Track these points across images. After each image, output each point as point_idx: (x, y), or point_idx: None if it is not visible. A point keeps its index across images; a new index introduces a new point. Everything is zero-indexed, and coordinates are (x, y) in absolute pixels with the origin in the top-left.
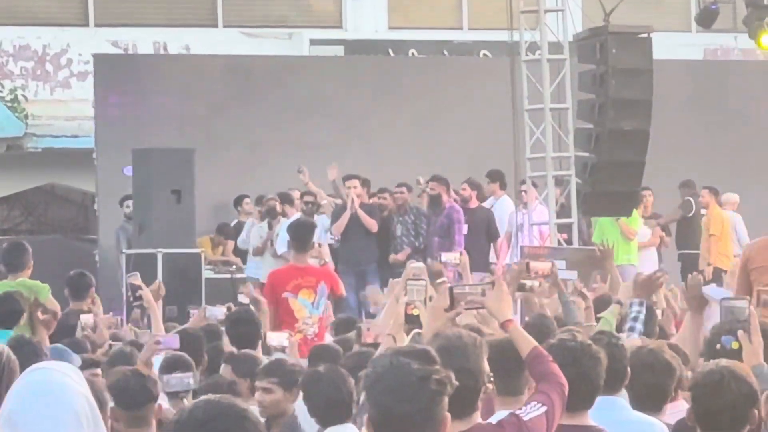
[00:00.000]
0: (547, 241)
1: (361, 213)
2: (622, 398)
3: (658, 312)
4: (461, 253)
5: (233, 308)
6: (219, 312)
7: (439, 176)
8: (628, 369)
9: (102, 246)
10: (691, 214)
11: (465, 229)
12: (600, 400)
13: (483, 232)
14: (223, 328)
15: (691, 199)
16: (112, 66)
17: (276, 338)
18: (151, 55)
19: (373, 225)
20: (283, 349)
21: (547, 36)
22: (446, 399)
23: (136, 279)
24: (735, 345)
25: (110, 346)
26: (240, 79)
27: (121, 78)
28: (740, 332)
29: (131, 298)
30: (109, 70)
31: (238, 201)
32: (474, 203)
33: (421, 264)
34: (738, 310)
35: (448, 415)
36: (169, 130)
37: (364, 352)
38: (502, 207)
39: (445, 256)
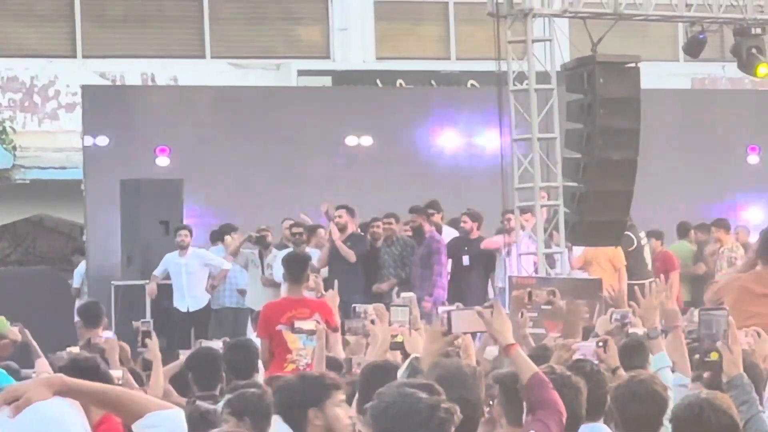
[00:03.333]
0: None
1: (339, 244)
2: (605, 426)
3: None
4: (457, 307)
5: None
6: (216, 345)
7: (418, 207)
8: (608, 396)
9: (91, 277)
10: (632, 248)
11: (444, 259)
12: (583, 428)
13: (482, 264)
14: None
15: (631, 234)
16: (100, 97)
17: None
18: (139, 87)
19: (350, 256)
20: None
21: (535, 66)
22: (453, 430)
23: (148, 326)
24: (714, 356)
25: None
26: (228, 110)
27: (109, 109)
28: (719, 343)
29: (138, 344)
30: (97, 102)
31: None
32: (475, 234)
33: (411, 294)
34: (716, 320)
35: None
36: (157, 162)
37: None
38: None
39: (442, 310)
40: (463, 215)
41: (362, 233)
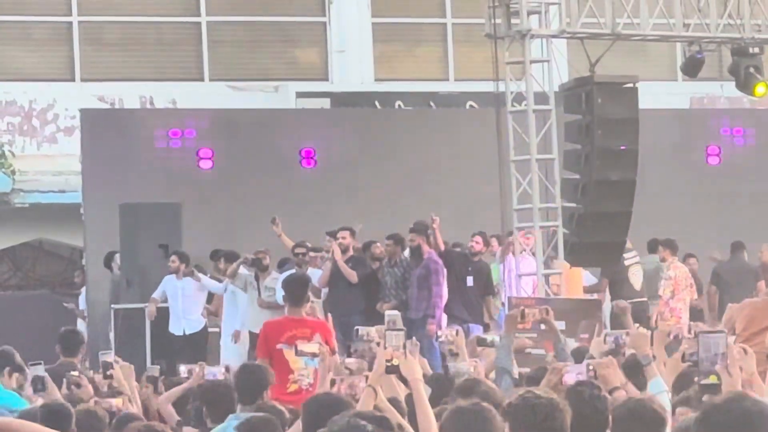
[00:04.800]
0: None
1: (341, 265)
2: None
3: None
4: (456, 332)
5: (231, 368)
6: (217, 371)
7: (418, 227)
8: (610, 418)
9: (90, 300)
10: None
11: (443, 280)
12: None
13: (482, 286)
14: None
15: None
16: (99, 120)
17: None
18: (138, 110)
19: (352, 276)
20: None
21: (533, 87)
22: None
23: (109, 357)
24: (713, 379)
25: (95, 402)
26: (226, 132)
27: (107, 132)
28: (718, 366)
29: (103, 375)
30: (95, 125)
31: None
32: (478, 258)
33: (396, 312)
34: (715, 342)
35: None
36: (156, 185)
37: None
38: None
39: (442, 334)
40: (475, 236)
41: (363, 255)
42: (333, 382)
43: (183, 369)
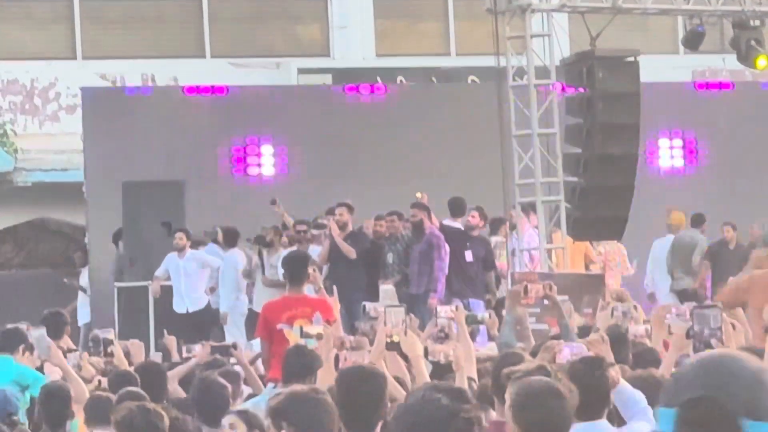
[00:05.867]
0: (537, 267)
1: (339, 241)
2: (604, 421)
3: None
4: (456, 308)
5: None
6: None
7: (420, 202)
8: (612, 396)
9: (93, 279)
10: None
11: (445, 255)
12: (582, 426)
13: (482, 261)
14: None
15: None
16: (101, 99)
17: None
18: (140, 87)
19: (351, 252)
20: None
21: (534, 61)
22: None
23: (109, 334)
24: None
25: (99, 382)
26: (228, 109)
27: (109, 111)
28: (714, 340)
29: (102, 353)
30: (97, 103)
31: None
32: (477, 232)
33: (391, 287)
34: (710, 317)
35: None
36: (158, 163)
37: None
38: None
39: (441, 309)
40: (473, 210)
41: (361, 230)
42: (337, 359)
43: (185, 351)
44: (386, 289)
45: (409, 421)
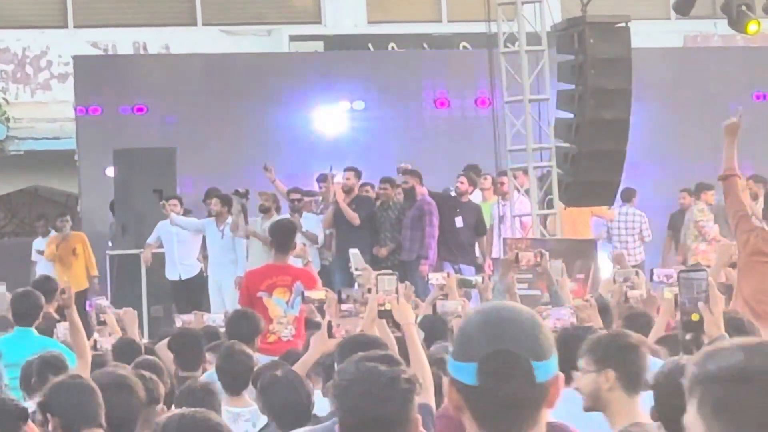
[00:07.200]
0: (529, 233)
1: (343, 206)
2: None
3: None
4: (448, 274)
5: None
6: (219, 318)
7: (411, 169)
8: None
9: None
10: None
11: (436, 221)
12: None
13: (472, 227)
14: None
15: None
16: (92, 67)
17: (315, 294)
18: (131, 56)
19: (354, 218)
20: (321, 304)
21: (525, 27)
22: (416, 399)
23: (103, 301)
24: (695, 317)
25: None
26: (220, 77)
27: (101, 79)
28: (701, 304)
29: (96, 322)
30: (89, 72)
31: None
32: (466, 198)
33: (356, 250)
34: (696, 281)
35: (419, 416)
36: (150, 130)
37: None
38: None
39: (433, 277)
40: (461, 176)
41: (368, 195)
42: (330, 326)
43: (178, 320)
44: (354, 253)
45: (356, 392)
